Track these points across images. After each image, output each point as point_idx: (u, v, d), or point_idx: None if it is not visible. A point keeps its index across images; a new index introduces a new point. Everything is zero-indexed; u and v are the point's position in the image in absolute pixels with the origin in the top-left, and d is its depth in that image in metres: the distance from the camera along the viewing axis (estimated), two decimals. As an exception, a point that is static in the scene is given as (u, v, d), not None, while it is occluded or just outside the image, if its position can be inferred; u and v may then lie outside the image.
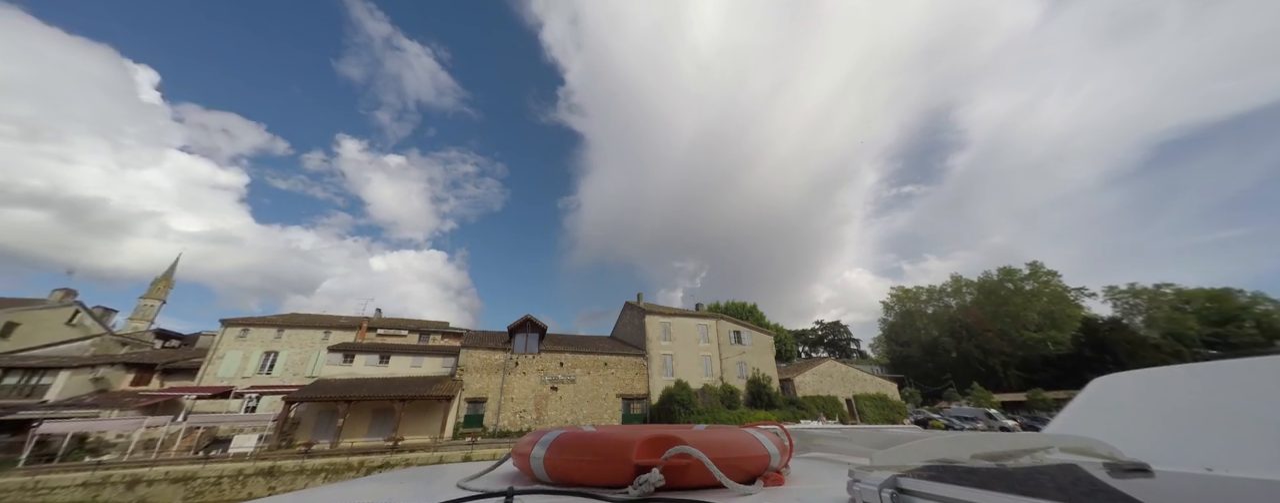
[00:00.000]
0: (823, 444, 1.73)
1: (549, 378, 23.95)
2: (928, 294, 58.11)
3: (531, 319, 25.24)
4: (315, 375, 21.44)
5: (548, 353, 24.65)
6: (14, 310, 21.98)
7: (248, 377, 21.54)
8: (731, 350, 29.82)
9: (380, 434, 19.29)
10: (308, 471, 15.61)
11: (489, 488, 0.97)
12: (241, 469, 15.12)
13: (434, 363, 22.99)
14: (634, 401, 25.51)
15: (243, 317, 23.68)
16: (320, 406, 19.19)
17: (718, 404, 25.62)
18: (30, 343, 21.67)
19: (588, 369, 25.13)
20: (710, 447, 0.98)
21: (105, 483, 13.70)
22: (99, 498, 13.57)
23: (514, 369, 23.39)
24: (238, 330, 22.58)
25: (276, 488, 14.90)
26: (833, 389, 30.51)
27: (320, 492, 1.16)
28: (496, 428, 21.52)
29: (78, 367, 19.45)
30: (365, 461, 16.54)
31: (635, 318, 30.00)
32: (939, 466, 0.78)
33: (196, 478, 14.49)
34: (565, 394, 23.93)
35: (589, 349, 26.10)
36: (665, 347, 27.92)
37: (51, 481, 13.39)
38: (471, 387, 22.24)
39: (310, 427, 19.12)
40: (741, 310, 42.08)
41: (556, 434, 1.14)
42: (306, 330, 23.75)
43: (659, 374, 26.66)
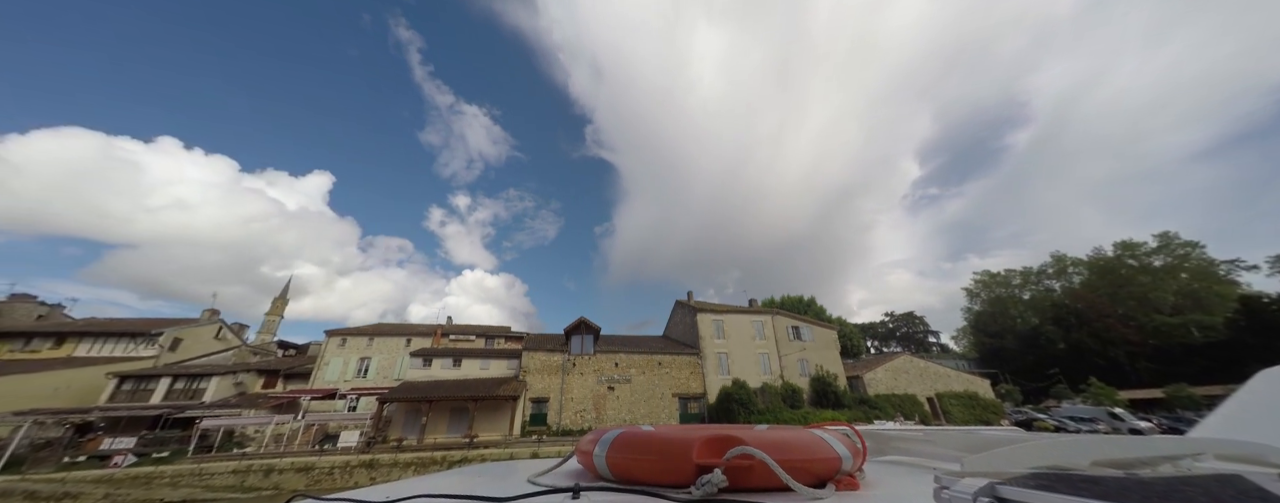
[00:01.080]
0: (902, 447, 1.61)
1: (605, 378, 24.53)
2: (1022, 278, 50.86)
3: (585, 321, 26.03)
4: (401, 378, 23.92)
5: (602, 354, 25.27)
6: (179, 329, 27.13)
7: (348, 380, 24.61)
8: (790, 347, 28.44)
9: (458, 431, 21.02)
10: (400, 464, 17.46)
11: (556, 484, 1.03)
12: (348, 462, 17.31)
13: (500, 365, 24.59)
14: (691, 400, 25.28)
15: (342, 327, 27.10)
16: (407, 405, 21.37)
17: (779, 404, 24.56)
18: (190, 354, 26.63)
19: (642, 369, 25.36)
20: (774, 448, 0.94)
21: (249, 470, 16.39)
22: (246, 483, 16.27)
23: (572, 370, 24.28)
24: (339, 340, 25.88)
25: (376, 479, 16.83)
26: (910, 387, 27.87)
27: (412, 483, 1.29)
28: (559, 426, 22.46)
29: (224, 373, 23.52)
30: (446, 456, 18.13)
31: (686, 316, 29.73)
32: (1050, 473, 0.68)
33: (314, 468, 16.82)
34: (622, 394, 24.35)
35: (642, 349, 26.33)
36: (719, 345, 27.33)
37: (211, 468, 16.31)
38: (534, 387, 23.46)
39: (400, 424, 21.35)
40: (798, 305, 39.99)
41: (616, 433, 1.16)
42: (392, 338, 26.58)
43: (714, 373, 26.16)
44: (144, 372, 22.60)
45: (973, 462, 0.84)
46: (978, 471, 0.75)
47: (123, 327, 26.45)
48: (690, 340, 28.05)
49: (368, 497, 0.99)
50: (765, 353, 27.86)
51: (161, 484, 15.56)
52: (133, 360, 24.12)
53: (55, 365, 22.32)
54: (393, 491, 1.08)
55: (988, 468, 0.76)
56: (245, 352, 29.34)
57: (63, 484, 14.97)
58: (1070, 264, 46.86)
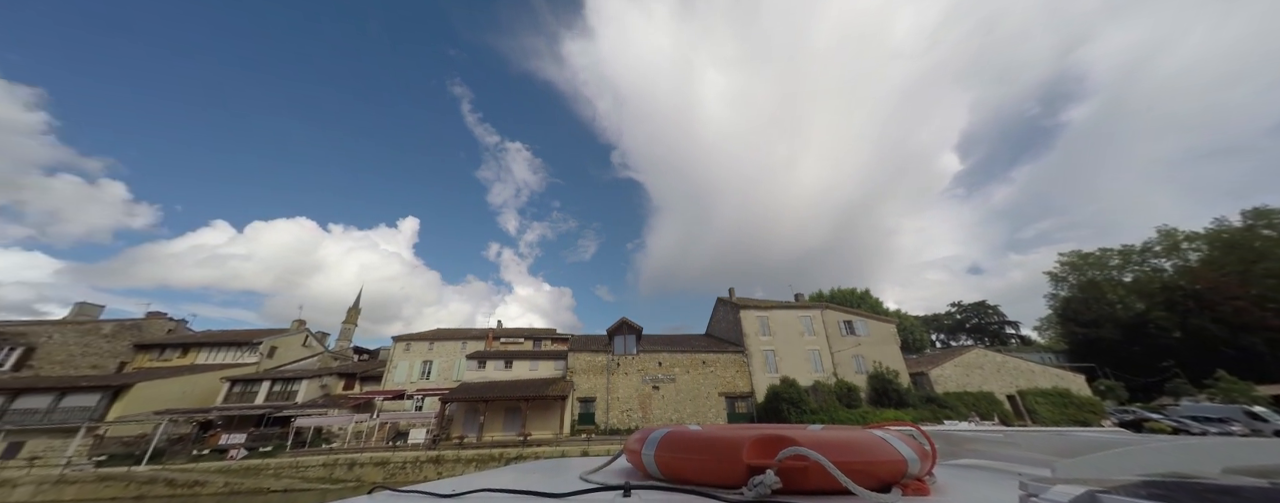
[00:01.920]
0: (978, 449, 1.51)
1: (649, 378, 24.58)
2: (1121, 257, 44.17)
3: (627, 322, 26.25)
4: (459, 379, 25.52)
5: (645, 353, 25.35)
6: (275, 338, 30.84)
7: (414, 382, 26.67)
8: (843, 343, 26.86)
9: (512, 429, 22.05)
10: (463, 460, 18.63)
11: (608, 482, 1.08)
12: (417, 457, 18.75)
13: (547, 366, 25.47)
14: (738, 399, 24.68)
15: (407, 333, 29.43)
16: (466, 405, 22.76)
17: (834, 403, 23.29)
18: (283, 360, 30.18)
19: (686, 368, 25.13)
20: (830, 449, 0.91)
21: (335, 463, 18.26)
22: (333, 475, 18.15)
23: (616, 370, 24.59)
24: (404, 344, 28.12)
25: (442, 473, 18.09)
26: (986, 383, 25.31)
27: (474, 478, 1.38)
28: (607, 426, 22.85)
29: (311, 377, 26.41)
30: (503, 453, 19.10)
31: (729, 314, 29.05)
32: (1170, 481, 0.58)
33: (389, 463, 18.40)
34: (667, 393, 24.28)
35: (685, 348, 26.09)
36: (765, 342, 26.42)
37: (305, 461, 18.36)
38: (581, 387, 24.03)
39: (461, 422, 22.79)
40: (850, 298, 37.66)
41: (663, 433, 1.17)
42: (449, 342, 28.44)
43: (762, 371, 25.33)
44: (249, 376, 25.95)
45: (1067, 467, 0.76)
46: (1074, 477, 0.66)
47: (231, 337, 30.52)
48: (734, 338, 27.37)
49: (437, 489, 1.06)
50: (815, 350, 26.54)
51: (267, 476, 17.78)
52: (240, 366, 27.76)
53: (182, 372, 26.23)
54: (458, 484, 1.14)
55: (1087, 474, 0.67)
56: (327, 357, 32.78)
57: (192, 474, 17.56)
58: (1183, 239, 40.02)
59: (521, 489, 1.00)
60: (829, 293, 39.67)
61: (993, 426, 16.62)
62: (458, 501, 0.97)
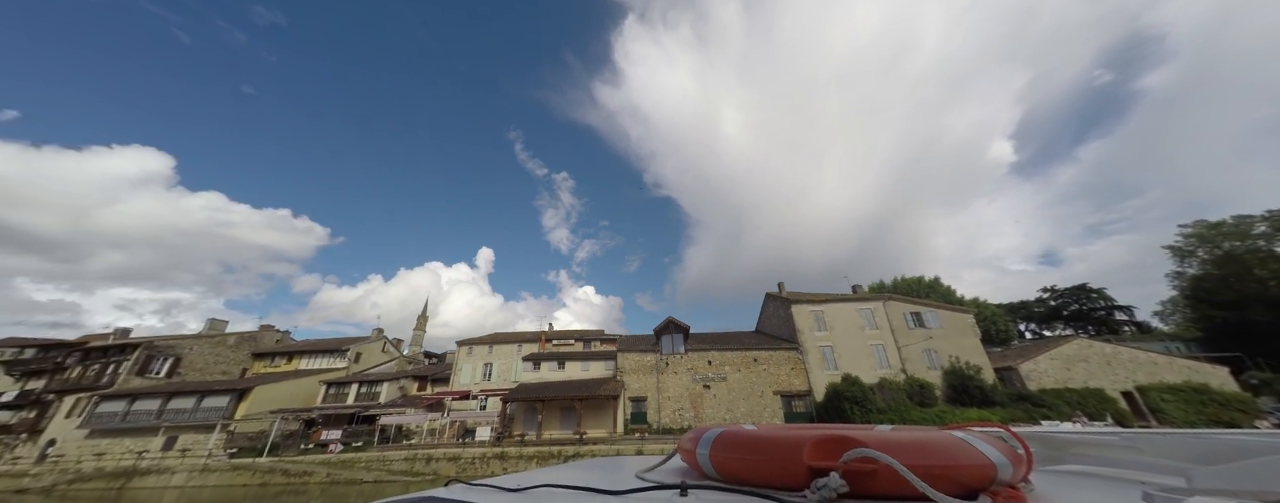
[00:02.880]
0: (1086, 454, 1.36)
1: (700, 377, 24.26)
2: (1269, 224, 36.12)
3: (674, 320, 26.12)
4: (517, 380, 26.89)
5: (694, 352, 25.05)
6: (359, 344, 34.54)
7: (477, 382, 28.55)
8: (911, 336, 24.69)
9: (568, 427, 22.82)
10: (524, 456, 19.62)
11: (663, 481, 1.08)
12: (485, 453, 20.03)
13: (598, 366, 26.05)
14: (795, 398, 23.59)
15: (469, 338, 31.57)
16: (524, 404, 23.93)
17: (905, 401, 21.47)
18: (367, 364, 33.69)
19: (737, 366, 24.47)
20: (902, 451, 0.85)
21: (415, 458, 20.03)
22: (413, 468, 19.92)
23: (665, 369, 24.55)
24: (467, 348, 30.20)
25: (507, 468, 19.18)
26: (1093, 378, 22.03)
27: (536, 473, 1.44)
28: (659, 425, 22.88)
29: (391, 379, 29.22)
30: (561, 450, 19.84)
31: (779, 309, 27.87)
32: None
33: (460, 458, 19.83)
34: (718, 392, 23.81)
35: (735, 345, 25.42)
36: (821, 337, 25.00)
37: (389, 455, 20.33)
38: (631, 386, 24.29)
39: (521, 420, 24.01)
40: (916, 287, 34.48)
41: (717, 432, 1.16)
42: (506, 345, 30.09)
43: (819, 368, 24.00)
44: (341, 379, 29.27)
45: (1209, 476, 0.64)
46: (1218, 488, 0.57)
47: (325, 345, 34.64)
48: (787, 334, 26.20)
49: (504, 484, 1.12)
50: (879, 344, 24.65)
51: (360, 468, 19.92)
52: (333, 371, 31.40)
53: (288, 376, 30.21)
54: (522, 479, 1.19)
55: (1236, 485, 0.55)
56: (403, 361, 36.13)
57: (302, 465, 20.14)
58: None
59: (582, 486, 1.02)
60: (891, 283, 36.61)
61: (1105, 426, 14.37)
62: (523, 495, 1.01)
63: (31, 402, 29.03)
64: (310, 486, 19.35)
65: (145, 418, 25.12)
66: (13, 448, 27.17)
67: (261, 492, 18.91)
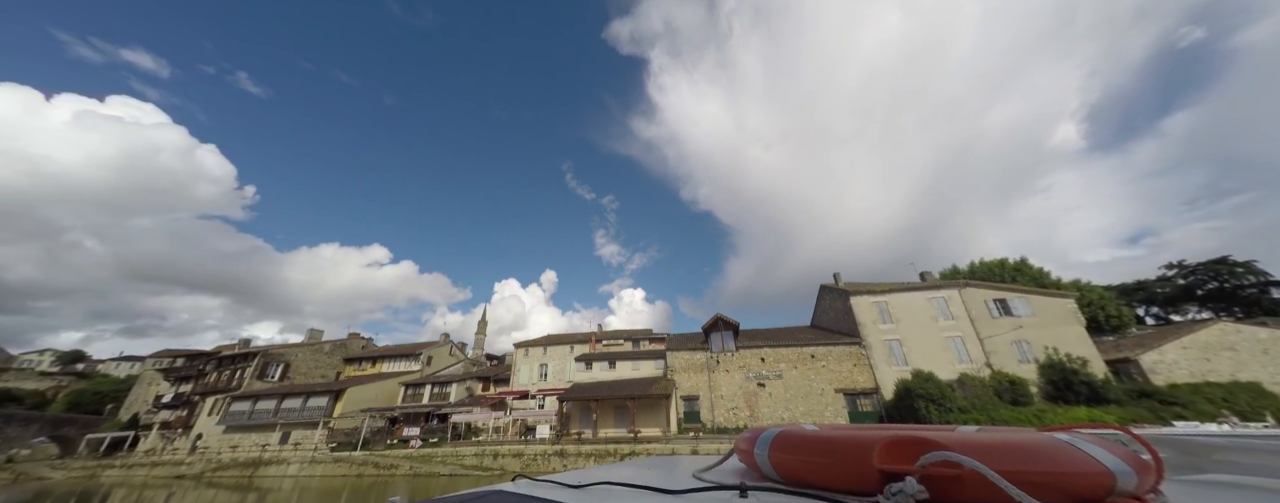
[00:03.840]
0: (1237, 462, 1.18)
1: (753, 375, 23.43)
2: None
3: (722, 318, 25.49)
4: (571, 380, 27.75)
5: (745, 349, 24.25)
6: (430, 349, 37.66)
7: (535, 383, 29.88)
8: (995, 326, 22.00)
9: (622, 426, 23.12)
10: (583, 454, 20.16)
11: (721, 481, 1.07)
12: (545, 450, 20.88)
13: (648, 366, 26.12)
14: (860, 396, 21.98)
15: (525, 340, 33.20)
16: (579, 403, 24.63)
17: (991, 399, 19.15)
18: (437, 367, 36.60)
19: (793, 363, 23.31)
20: (992, 454, 0.76)
21: (484, 454, 21.37)
22: (483, 464, 21.27)
23: (716, 368, 24.02)
24: (523, 350, 31.73)
25: (567, 465, 19.83)
26: (1243, 370, 18.21)
27: (594, 471, 1.49)
28: (714, 424, 22.42)
29: (458, 381, 31.51)
30: (617, 449, 20.13)
31: (836, 302, 26.14)
32: None
33: (524, 454, 20.84)
34: (774, 391, 22.83)
35: (789, 342, 24.24)
36: (886, 330, 23.06)
37: (461, 451, 21.87)
38: (682, 386, 24.06)
39: (577, 419, 24.73)
40: (998, 271, 30.57)
41: (776, 432, 1.13)
42: (559, 346, 31.18)
43: (885, 364, 22.16)
44: (417, 381, 32.08)
45: None
46: None
47: (402, 350, 38.17)
48: (846, 328, 24.49)
49: (565, 480, 1.17)
50: (957, 336, 22.23)
51: (437, 462, 21.66)
52: (408, 373, 34.49)
53: (373, 379, 33.67)
54: (583, 476, 1.25)
55: None
56: (468, 363, 38.82)
57: (388, 459, 22.32)
58: None
59: (640, 484, 1.03)
60: (966, 269, 32.82)
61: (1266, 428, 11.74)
62: (584, 491, 1.04)
63: (183, 402, 35.06)
64: (397, 478, 21.38)
65: (265, 416, 29.30)
66: (172, 441, 33.00)
67: (357, 482, 21.22)
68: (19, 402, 47.65)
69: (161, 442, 33.50)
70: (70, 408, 45.86)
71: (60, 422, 37.33)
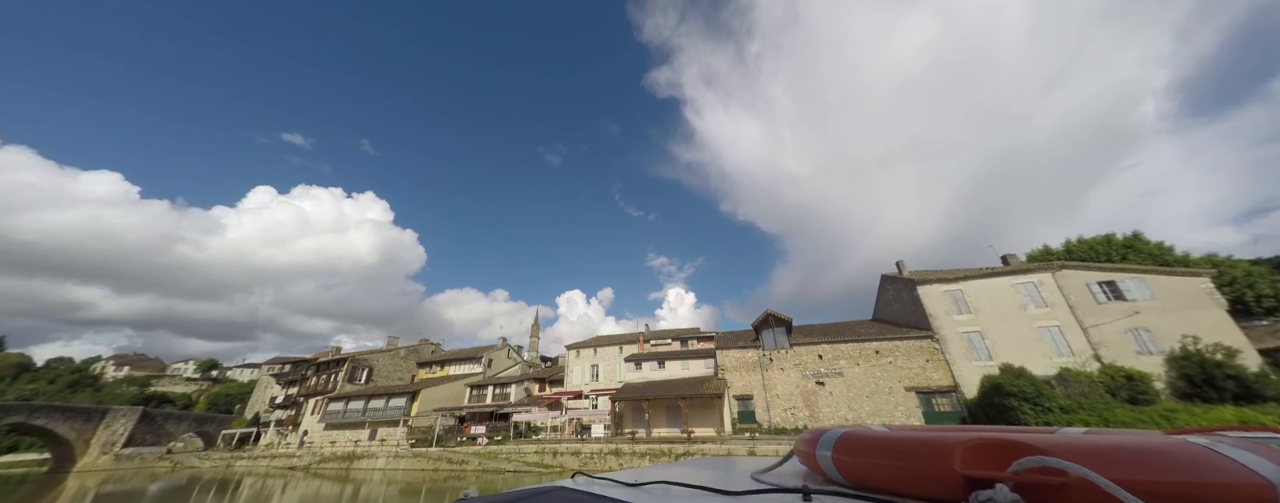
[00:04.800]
0: None
1: (811, 373, 22.18)
2: None
3: (773, 314, 24.44)
4: (622, 380, 28.07)
5: (800, 346, 23.03)
6: (490, 352, 40.01)
7: (587, 383, 30.63)
8: (1103, 313, 18.99)
9: (675, 426, 22.93)
10: (638, 453, 20.26)
11: (782, 483, 1.03)
12: (601, 449, 21.25)
13: (698, 365, 25.70)
14: (936, 394, 19.97)
15: (576, 341, 34.16)
16: (631, 403, 24.82)
17: (1102, 398, 16.51)
18: (497, 369, 38.74)
19: (854, 360, 21.74)
20: (1106, 460, 0.65)
21: (544, 451, 22.23)
22: (543, 461, 22.15)
23: (769, 366, 23.05)
24: (575, 352, 32.67)
25: (623, 464, 20.05)
26: None
27: (650, 470, 1.48)
28: (770, 425, 21.52)
29: (517, 382, 33.14)
30: (671, 448, 19.99)
31: (901, 292, 24.00)
32: None
33: (581, 453, 21.38)
34: (835, 389, 21.43)
35: (849, 337, 22.64)
36: (963, 322, 20.78)
37: (523, 449, 22.92)
38: (735, 385, 23.37)
39: (630, 419, 24.94)
40: (1105, 249, 26.30)
41: (840, 433, 1.08)
42: (609, 347, 31.69)
43: (964, 359, 19.95)
44: (480, 382, 34.19)
45: None
46: None
47: (465, 353, 40.93)
48: (914, 321, 22.40)
49: (622, 478, 1.18)
50: (1053, 326, 19.49)
51: (501, 459, 22.89)
52: (472, 375, 36.86)
53: (442, 381, 36.39)
54: (639, 475, 1.25)
55: None
56: (524, 365, 40.70)
57: (460, 454, 23.98)
58: None
59: (697, 484, 1.01)
60: (1060, 248, 28.59)
61: None
62: (641, 490, 1.04)
63: (292, 403, 40.25)
64: (468, 472, 22.88)
65: (356, 415, 32.77)
66: (285, 436, 37.99)
67: (434, 476, 23.01)
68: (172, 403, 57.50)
69: (277, 437, 38.70)
70: (209, 408, 54.54)
71: (202, 420, 44.53)
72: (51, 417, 33.47)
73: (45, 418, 33.12)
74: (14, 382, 54.85)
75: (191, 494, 21.76)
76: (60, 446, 34.36)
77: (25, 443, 44.88)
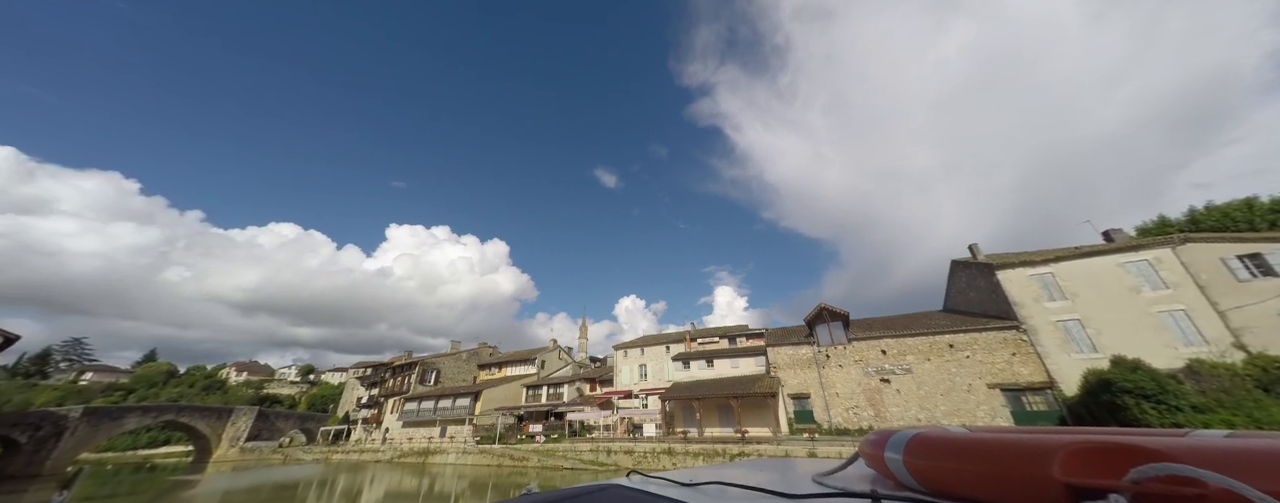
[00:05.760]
0: None
1: (874, 369, 20.60)
2: None
3: (827, 308, 23.03)
4: (670, 380, 27.88)
5: (860, 341, 21.47)
6: (542, 353, 41.61)
7: (636, 383, 30.79)
8: (1246, 292, 15.77)
9: (727, 426, 22.34)
10: (691, 453, 19.99)
11: (847, 487, 0.97)
12: (654, 448, 21.23)
13: (748, 363, 24.86)
14: (1026, 392, 17.69)
15: (624, 342, 34.52)
16: (681, 402, 24.58)
17: (1247, 394, 13.67)
18: (550, 370, 40.16)
19: (924, 355, 19.86)
20: (1260, 470, 0.55)
21: (598, 450, 22.64)
22: (598, 459, 22.58)
23: (826, 363, 21.72)
24: (623, 352, 33.01)
25: (676, 464, 19.88)
26: None
27: (705, 470, 1.45)
28: (831, 425, 20.27)
29: (568, 382, 34.13)
30: (725, 449, 19.48)
31: (976, 279, 21.57)
32: None
33: (634, 451, 21.50)
34: (904, 387, 19.71)
35: (918, 329, 20.73)
36: (1057, 309, 18.23)
37: (578, 447, 23.51)
38: (790, 383, 22.30)
39: (680, 419, 24.69)
40: (1246, 216, 21.74)
41: (912, 434, 1.00)
42: (655, 346, 31.65)
43: (1061, 351, 17.48)
44: (534, 382, 35.66)
45: None
46: None
47: (520, 356, 42.90)
48: (993, 310, 20.02)
49: (677, 478, 1.16)
50: (1177, 310, 16.51)
51: (558, 456, 23.66)
52: (527, 376, 38.53)
53: (501, 382, 38.39)
54: (694, 475, 1.23)
55: None
56: (574, 366, 41.83)
57: (520, 451, 25.15)
58: None
59: (754, 486, 0.97)
60: (1181, 218, 24.05)
61: None
62: (696, 490, 1.02)
63: (374, 403, 44.54)
64: (528, 468, 23.92)
65: (428, 414, 35.53)
66: (371, 433, 42.12)
67: (499, 471, 24.30)
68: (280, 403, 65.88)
69: (364, 433, 43.02)
70: (309, 408, 61.84)
71: (305, 418, 50.61)
72: (193, 416, 39.85)
73: (189, 416, 39.51)
74: (164, 386, 66.00)
75: (310, 481, 24.80)
76: (200, 439, 40.74)
77: (174, 438, 53.91)
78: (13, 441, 28.91)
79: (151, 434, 53.63)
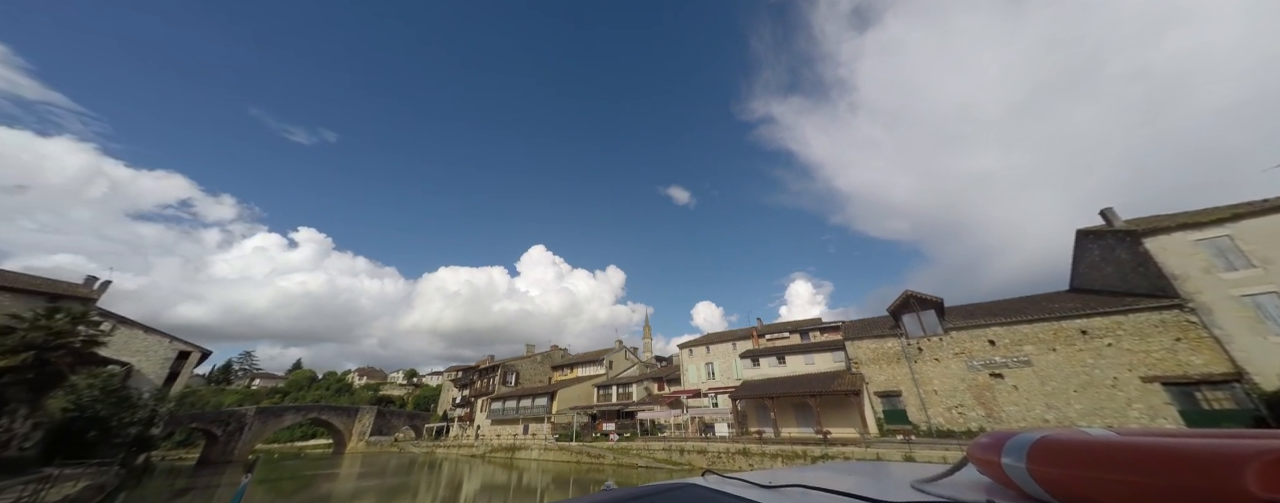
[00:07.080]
0: None
1: (981, 362, 17.87)
2: None
3: (915, 295, 20.55)
4: (739, 378, 26.88)
5: (961, 330, 18.78)
6: (610, 354, 42.74)
7: (703, 382, 30.18)
8: None
9: (805, 425, 20.88)
10: (767, 454, 19.02)
11: (957, 496, 0.88)
12: (728, 448, 20.58)
13: (824, 359, 23.07)
14: (1201, 386, 14.06)
15: (687, 339, 34.16)
16: (753, 401, 23.55)
17: None
18: (617, 371, 41.01)
19: (1047, 344, 16.76)
20: None
21: (671, 449, 22.55)
22: (671, 459, 22.48)
23: (918, 356, 19.31)
24: (688, 351, 32.63)
25: (752, 465, 19.04)
26: None
27: (786, 472, 1.39)
28: (930, 426, 17.95)
29: (636, 381, 34.57)
30: (806, 450, 18.22)
31: (1114, 250, 17.73)
32: None
33: (707, 451, 21.04)
34: (1020, 382, 16.81)
35: (1036, 314, 17.58)
36: (1240, 279, 14.29)
37: (651, 446, 23.62)
38: (875, 379, 20.22)
39: (753, 418, 23.66)
40: None
41: (1036, 437, 0.87)
42: (721, 344, 30.78)
43: (1249, 334, 13.64)
44: (604, 382, 36.69)
45: None
46: None
47: (589, 357, 44.48)
48: (1141, 286, 16.26)
49: (756, 479, 1.12)
50: None
51: (632, 454, 23.99)
52: (596, 377, 39.77)
53: (573, 382, 40.11)
54: (773, 477, 1.17)
55: None
56: (641, 365, 42.28)
57: (596, 449, 25.99)
58: None
59: (843, 491, 0.90)
60: None
61: None
62: (776, 492, 0.97)
63: (467, 402, 49.18)
64: (604, 465, 24.61)
65: (511, 412, 38.32)
66: (465, 430, 46.55)
67: (577, 467, 25.35)
68: (393, 403, 75.64)
69: (459, 430, 47.67)
70: (416, 407, 70.20)
71: (412, 416, 57.54)
72: (331, 414, 47.53)
73: (329, 415, 47.22)
74: (309, 389, 79.54)
75: (423, 469, 28.18)
76: (336, 434, 48.34)
77: (318, 433, 64.68)
78: (213, 434, 36.84)
79: (302, 429, 64.90)
